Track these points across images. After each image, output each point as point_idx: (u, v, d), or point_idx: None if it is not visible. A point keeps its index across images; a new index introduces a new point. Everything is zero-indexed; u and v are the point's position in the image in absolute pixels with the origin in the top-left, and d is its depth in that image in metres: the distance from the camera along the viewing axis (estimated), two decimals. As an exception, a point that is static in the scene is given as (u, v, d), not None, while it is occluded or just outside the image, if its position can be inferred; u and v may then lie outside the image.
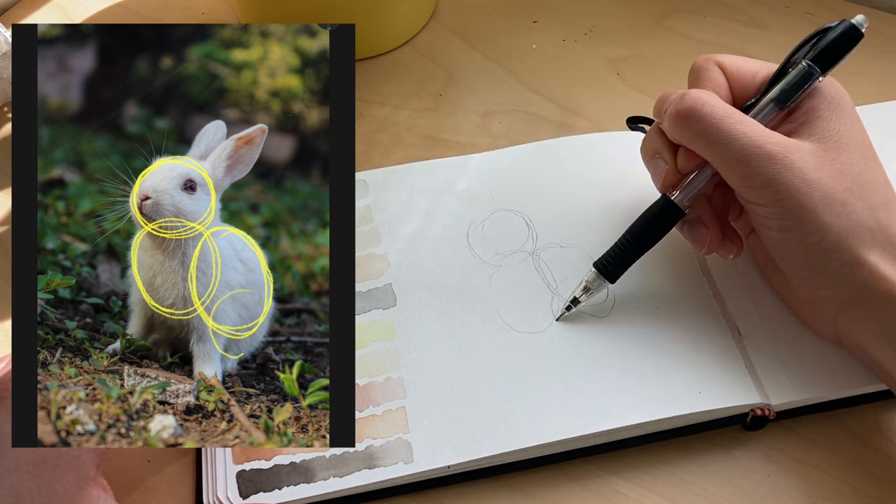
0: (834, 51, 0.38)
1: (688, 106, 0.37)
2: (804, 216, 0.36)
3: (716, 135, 0.37)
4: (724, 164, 0.37)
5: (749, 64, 0.40)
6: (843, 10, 0.60)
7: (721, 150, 0.37)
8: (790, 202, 0.36)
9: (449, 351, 0.42)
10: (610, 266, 0.42)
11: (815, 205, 0.36)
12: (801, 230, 0.36)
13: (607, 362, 0.41)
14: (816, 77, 0.38)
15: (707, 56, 0.40)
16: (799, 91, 0.38)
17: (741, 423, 0.40)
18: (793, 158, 0.36)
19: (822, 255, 0.36)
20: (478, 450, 0.38)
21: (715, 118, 0.37)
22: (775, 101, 0.38)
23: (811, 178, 0.36)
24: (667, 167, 0.40)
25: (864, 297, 0.36)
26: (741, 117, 0.37)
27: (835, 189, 0.36)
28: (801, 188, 0.36)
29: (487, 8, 0.63)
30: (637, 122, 0.53)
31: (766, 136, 0.36)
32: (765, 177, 0.36)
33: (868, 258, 0.36)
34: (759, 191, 0.37)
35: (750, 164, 0.36)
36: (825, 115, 0.37)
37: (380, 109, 0.56)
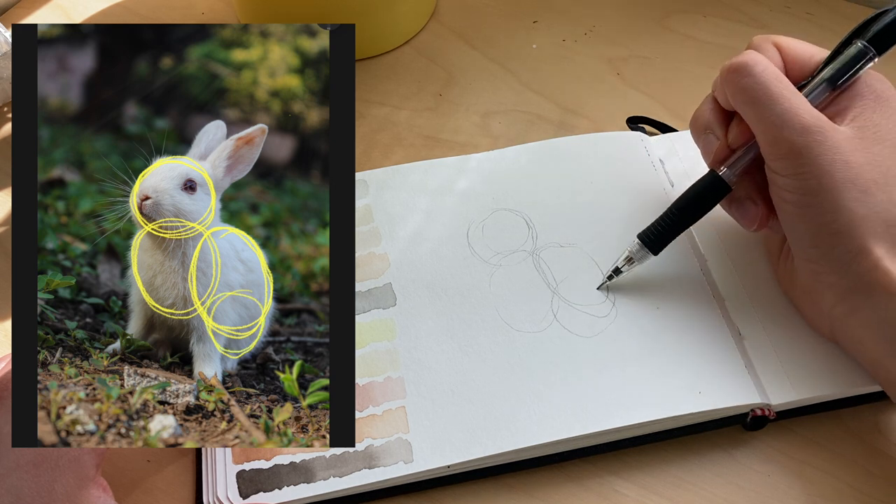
0: (889, 32, 0.38)
1: (744, 61, 0.38)
2: (822, 194, 0.36)
3: (761, 93, 0.37)
4: (760, 125, 0.38)
5: (806, 47, 0.41)
6: (843, 9, 0.60)
7: (760, 109, 0.37)
8: (811, 177, 0.36)
9: (449, 351, 0.42)
10: (654, 237, 0.42)
11: (835, 185, 0.36)
12: (817, 207, 0.36)
13: (607, 362, 0.41)
14: (870, 57, 0.38)
15: (765, 36, 0.41)
16: (851, 70, 0.38)
17: (741, 423, 0.40)
18: (827, 135, 0.36)
19: (832, 237, 0.37)
20: (478, 450, 0.38)
21: (765, 77, 0.37)
22: (828, 80, 0.38)
23: (838, 158, 0.36)
24: (718, 143, 0.41)
25: (864, 288, 0.36)
26: (790, 87, 0.37)
27: (859, 176, 0.36)
28: (825, 165, 0.36)
29: (487, 8, 0.63)
30: (637, 122, 0.54)
31: (807, 109, 0.37)
32: (793, 146, 0.36)
33: (875, 249, 0.36)
34: (784, 160, 0.37)
35: (783, 130, 0.36)
36: (869, 105, 0.38)
37: (380, 109, 0.56)
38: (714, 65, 0.57)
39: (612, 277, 0.43)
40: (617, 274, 0.43)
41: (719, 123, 0.41)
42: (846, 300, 0.38)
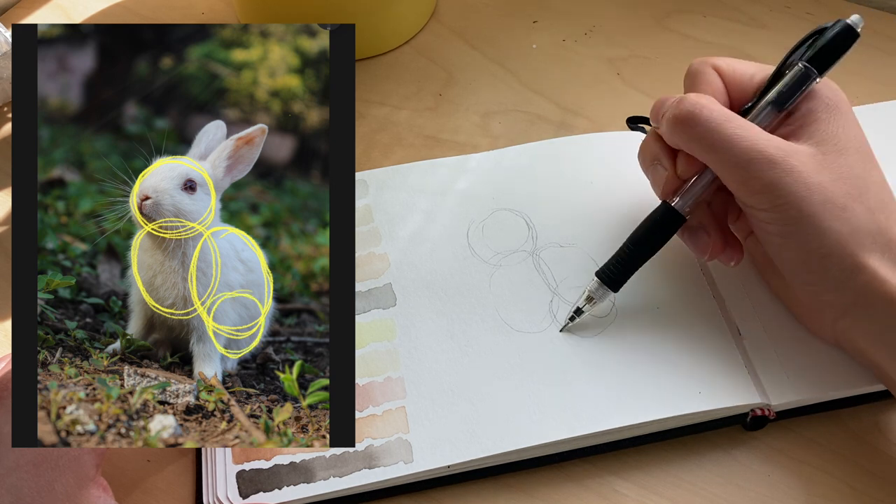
0: (830, 51, 0.38)
1: (686, 110, 0.37)
2: (804, 221, 0.36)
3: (715, 139, 0.36)
4: (724, 169, 0.37)
5: (745, 67, 0.40)
6: (843, 10, 0.60)
7: (720, 155, 0.37)
8: (790, 207, 0.36)
9: (449, 351, 0.42)
10: (612, 275, 0.41)
11: (815, 209, 0.35)
12: (802, 235, 0.36)
13: (607, 362, 0.41)
14: (814, 78, 0.37)
15: (703, 59, 0.40)
16: (797, 93, 0.38)
17: (741, 423, 0.40)
18: (793, 162, 0.36)
19: (823, 260, 0.36)
20: (478, 450, 0.38)
21: (713, 122, 0.36)
22: (773, 103, 0.38)
23: (811, 182, 0.35)
24: (666, 174, 0.40)
25: (864, 301, 0.36)
26: (740, 121, 0.37)
27: (835, 193, 0.36)
28: (801, 193, 0.35)
29: (487, 8, 0.63)
30: (637, 122, 0.53)
31: (766, 141, 0.36)
32: (765, 181, 0.36)
33: (868, 262, 0.36)
34: (759, 196, 0.36)
35: (750, 169, 0.36)
36: (823, 118, 0.37)
37: (380, 109, 0.56)
38: (714, 65, 0.57)
39: (574, 318, 0.42)
40: (578, 315, 0.42)
41: (666, 155, 0.40)
42: (848, 314, 0.37)
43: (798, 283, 0.38)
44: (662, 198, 0.41)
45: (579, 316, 0.42)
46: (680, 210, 0.40)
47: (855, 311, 0.37)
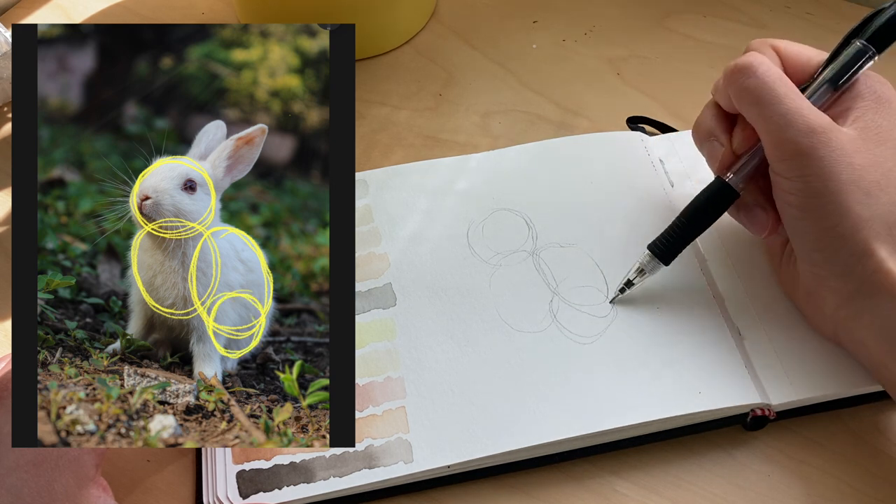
0: (887, 30, 0.38)
1: (748, 61, 0.38)
2: (827, 196, 0.36)
3: (765, 93, 0.37)
4: (764, 125, 0.37)
5: (804, 50, 0.40)
6: (843, 10, 0.60)
7: (765, 110, 0.37)
8: (817, 179, 0.36)
9: (449, 351, 0.42)
10: (664, 248, 0.42)
11: (840, 187, 0.36)
12: (821, 210, 0.36)
13: (607, 362, 0.41)
14: (870, 55, 0.38)
15: (763, 39, 0.41)
16: (852, 69, 0.38)
17: (741, 423, 0.40)
18: (832, 136, 0.36)
19: (836, 240, 0.36)
20: (478, 450, 0.38)
21: (769, 77, 0.37)
22: (829, 81, 0.38)
23: (843, 160, 0.36)
24: (722, 149, 0.41)
25: (868, 290, 0.36)
26: (793, 88, 0.37)
27: (863, 177, 0.36)
28: (830, 167, 0.36)
29: (487, 8, 0.63)
30: (637, 122, 0.54)
31: (811, 110, 0.37)
32: (799, 147, 0.36)
33: (879, 251, 0.36)
34: (789, 161, 0.37)
35: (788, 131, 0.36)
36: (870, 106, 0.38)
37: (380, 109, 0.56)
38: (714, 65, 0.57)
39: (625, 290, 0.43)
40: (629, 287, 0.43)
41: (722, 129, 0.41)
42: (850, 303, 0.37)
43: (807, 263, 0.38)
44: (717, 173, 0.41)
45: (630, 288, 0.43)
46: (734, 185, 0.40)
47: (858, 301, 0.37)
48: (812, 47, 0.41)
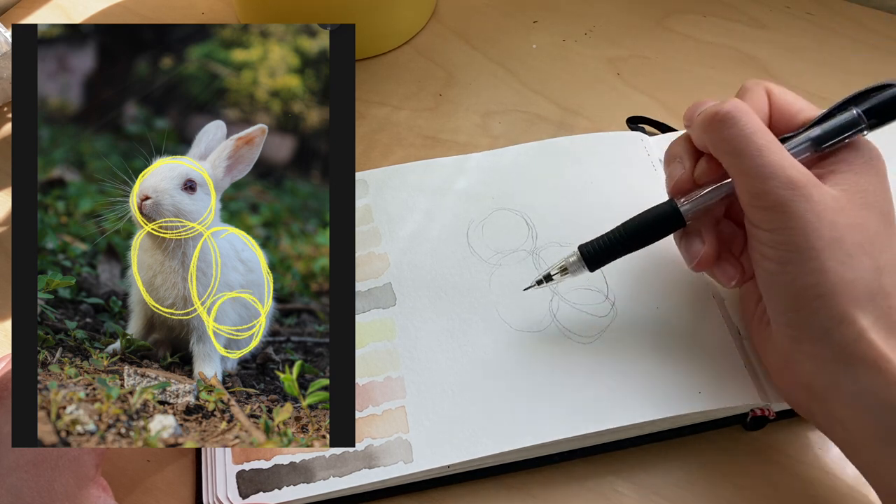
0: (887, 110, 0.36)
1: (726, 110, 0.36)
2: (807, 252, 0.34)
3: (744, 144, 0.36)
4: (742, 177, 0.36)
5: (796, 101, 0.39)
6: (843, 10, 0.60)
7: (744, 161, 0.36)
8: (796, 233, 0.34)
9: (449, 350, 0.42)
10: (594, 254, 0.40)
11: (822, 244, 0.34)
12: (800, 267, 0.34)
13: (607, 362, 0.41)
14: (861, 129, 0.36)
15: (758, 80, 0.39)
16: (840, 136, 0.36)
17: (741, 423, 0.40)
18: (813, 192, 0.34)
19: (814, 300, 0.34)
20: (478, 450, 0.38)
21: (748, 128, 0.36)
22: (813, 139, 0.37)
23: (825, 216, 0.34)
24: (683, 172, 0.39)
25: (847, 359, 0.34)
26: (775, 141, 0.36)
27: (846, 237, 0.34)
28: (812, 221, 0.34)
29: (487, 8, 0.63)
30: (637, 122, 0.54)
31: (793, 164, 0.35)
32: (779, 199, 0.35)
33: (860, 319, 0.34)
34: (768, 212, 0.35)
35: (767, 182, 0.35)
36: (857, 170, 0.36)
37: (380, 109, 0.56)
38: (714, 65, 0.57)
39: (543, 283, 0.42)
40: (548, 280, 0.41)
41: (689, 155, 0.39)
42: (827, 372, 0.35)
43: (781, 324, 0.36)
44: (671, 194, 0.40)
45: (547, 283, 0.42)
46: (684, 213, 0.39)
47: (835, 369, 0.34)
48: (800, 97, 0.39)
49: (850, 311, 0.34)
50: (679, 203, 0.39)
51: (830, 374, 0.34)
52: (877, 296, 0.34)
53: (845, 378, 0.34)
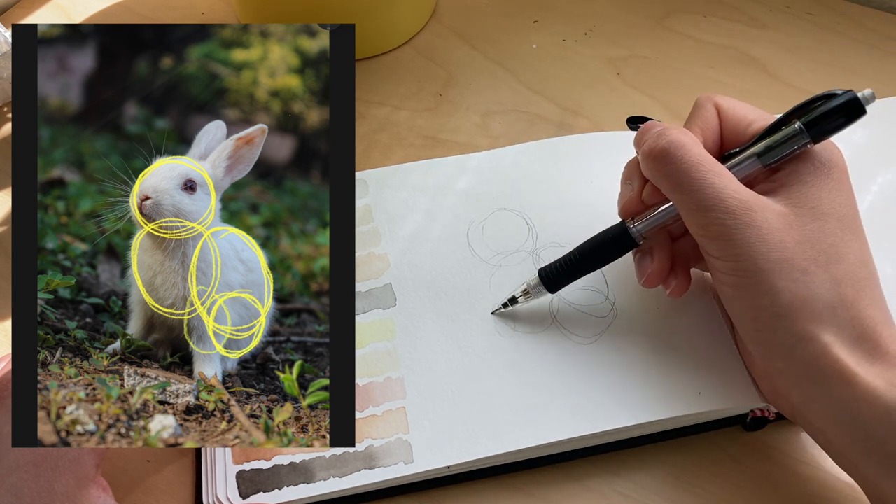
0: (829, 120, 0.35)
1: (662, 146, 0.36)
2: (757, 276, 0.34)
3: (682, 180, 0.36)
4: (686, 210, 0.36)
5: (746, 111, 0.39)
6: (843, 10, 0.60)
7: (684, 196, 0.36)
8: (745, 258, 0.35)
9: (449, 351, 0.42)
10: (553, 277, 0.41)
11: (770, 266, 0.34)
12: (753, 290, 0.35)
13: (607, 362, 0.41)
14: (805, 143, 0.36)
15: (708, 95, 0.40)
16: (784, 153, 0.36)
17: (741, 423, 0.40)
18: (755, 216, 0.35)
19: (773, 320, 0.35)
20: (478, 450, 0.38)
21: (685, 163, 0.36)
22: (758, 155, 0.37)
23: (771, 238, 0.34)
24: (631, 193, 0.40)
25: (815, 376, 0.34)
26: (714, 167, 0.36)
27: (796, 255, 0.34)
28: (757, 246, 0.34)
29: (487, 8, 0.63)
30: (637, 122, 0.53)
31: (733, 191, 0.35)
32: (722, 229, 0.35)
33: (821, 335, 0.34)
34: (715, 242, 0.36)
35: (709, 215, 0.35)
36: (807, 180, 0.36)
37: (380, 109, 0.56)
38: (714, 65, 0.57)
39: (508, 306, 0.42)
40: (513, 303, 0.42)
41: (638, 177, 0.40)
42: (800, 387, 0.35)
43: (750, 343, 0.37)
44: (620, 216, 0.41)
45: (512, 305, 0.42)
46: (636, 233, 0.39)
47: (806, 385, 0.35)
48: (754, 108, 0.39)
49: (809, 328, 0.34)
50: (629, 224, 0.40)
51: (803, 389, 0.35)
52: (837, 308, 0.34)
53: (816, 392, 0.34)
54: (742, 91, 0.55)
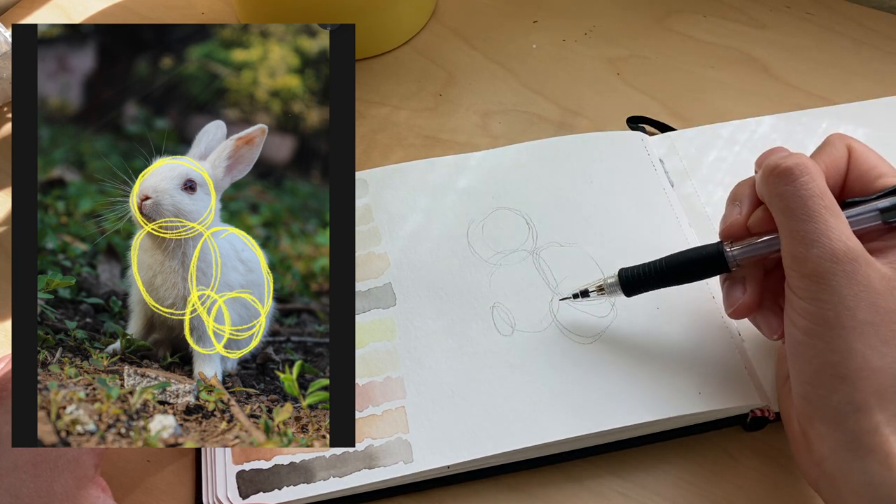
0: None
1: (788, 164, 0.35)
2: (837, 329, 0.32)
3: (797, 205, 0.34)
4: (787, 238, 0.34)
5: (878, 163, 0.37)
6: (843, 10, 0.60)
7: (793, 222, 0.34)
8: (829, 307, 0.32)
9: (449, 350, 0.42)
10: (634, 281, 0.40)
11: (854, 324, 0.32)
12: (826, 343, 0.33)
13: (607, 362, 0.41)
14: None
15: (842, 135, 0.38)
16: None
17: (741, 423, 0.40)
18: (857, 269, 0.32)
19: (834, 380, 0.32)
20: (478, 450, 0.38)
21: (807, 189, 0.34)
22: (881, 210, 0.35)
23: (866, 297, 0.32)
24: (737, 217, 0.38)
25: (858, 449, 0.32)
26: (832, 205, 0.34)
27: (884, 322, 0.32)
28: (848, 299, 0.32)
29: (487, 8, 0.63)
30: (637, 122, 0.54)
31: (844, 235, 0.33)
32: (818, 269, 0.33)
33: (878, 411, 0.32)
34: (805, 280, 0.33)
35: (810, 249, 0.33)
36: None
37: (380, 109, 0.56)
38: (714, 65, 0.57)
39: (578, 297, 0.42)
40: (584, 296, 0.42)
41: (750, 200, 0.38)
42: (837, 456, 0.33)
43: (800, 396, 0.35)
44: (721, 237, 0.39)
45: (583, 298, 0.42)
46: (731, 258, 0.38)
47: (845, 456, 0.32)
48: (886, 160, 0.37)
49: (869, 400, 0.32)
50: (726, 248, 0.38)
51: (842, 460, 0.33)
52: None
53: (855, 467, 0.32)
54: (742, 91, 0.55)
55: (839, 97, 0.54)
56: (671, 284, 0.40)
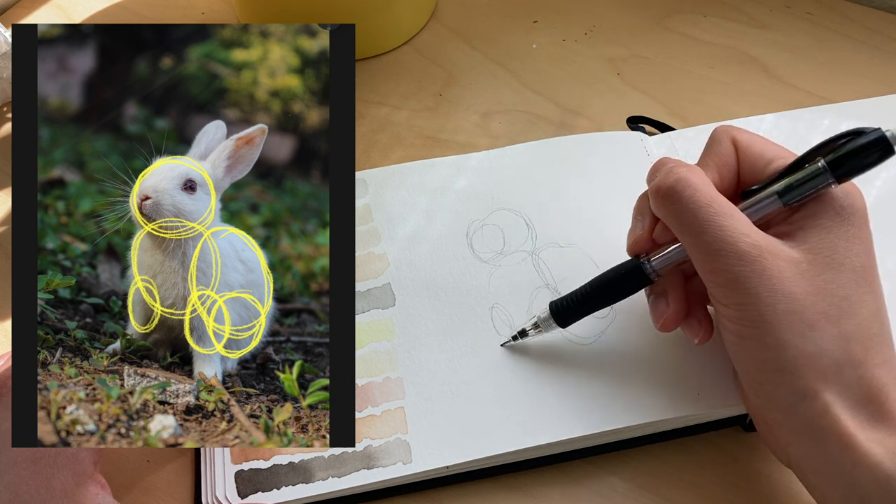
0: (856, 159, 0.33)
1: (669, 184, 0.35)
2: (763, 328, 0.33)
3: (691, 221, 0.34)
4: (693, 252, 0.35)
5: (765, 148, 0.37)
6: (843, 10, 0.60)
7: (692, 238, 0.34)
8: (752, 308, 0.33)
9: (448, 351, 0.42)
10: (564, 311, 0.40)
11: (777, 319, 0.32)
12: (758, 342, 0.33)
13: (607, 363, 0.41)
14: (828, 183, 0.34)
15: (726, 128, 0.38)
16: (806, 192, 0.34)
17: (741, 423, 0.40)
18: (766, 264, 0.33)
19: (775, 374, 0.33)
20: (477, 450, 0.38)
21: (693, 203, 0.34)
22: (778, 194, 0.35)
23: (781, 289, 0.32)
24: (641, 231, 0.38)
25: (814, 434, 0.32)
26: (724, 208, 0.34)
27: (806, 307, 0.32)
28: (765, 297, 0.32)
29: (487, 8, 0.63)
30: (637, 122, 0.54)
31: (744, 234, 0.33)
32: (730, 275, 0.33)
33: (824, 394, 0.32)
34: (722, 288, 0.34)
35: (718, 259, 0.33)
36: (826, 225, 0.34)
37: (380, 109, 0.56)
38: (714, 65, 0.57)
39: (517, 339, 0.41)
40: (523, 336, 0.41)
41: (649, 214, 0.38)
42: (798, 442, 0.33)
43: (751, 392, 0.35)
44: (629, 252, 0.39)
45: (523, 338, 0.41)
46: (650, 270, 0.38)
47: (804, 441, 0.33)
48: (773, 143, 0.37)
49: (812, 385, 0.32)
50: (643, 260, 0.38)
51: (801, 445, 0.33)
52: (844, 366, 0.32)
53: (814, 450, 0.33)
54: (742, 91, 0.55)
55: (839, 97, 0.54)
56: (601, 307, 0.40)
